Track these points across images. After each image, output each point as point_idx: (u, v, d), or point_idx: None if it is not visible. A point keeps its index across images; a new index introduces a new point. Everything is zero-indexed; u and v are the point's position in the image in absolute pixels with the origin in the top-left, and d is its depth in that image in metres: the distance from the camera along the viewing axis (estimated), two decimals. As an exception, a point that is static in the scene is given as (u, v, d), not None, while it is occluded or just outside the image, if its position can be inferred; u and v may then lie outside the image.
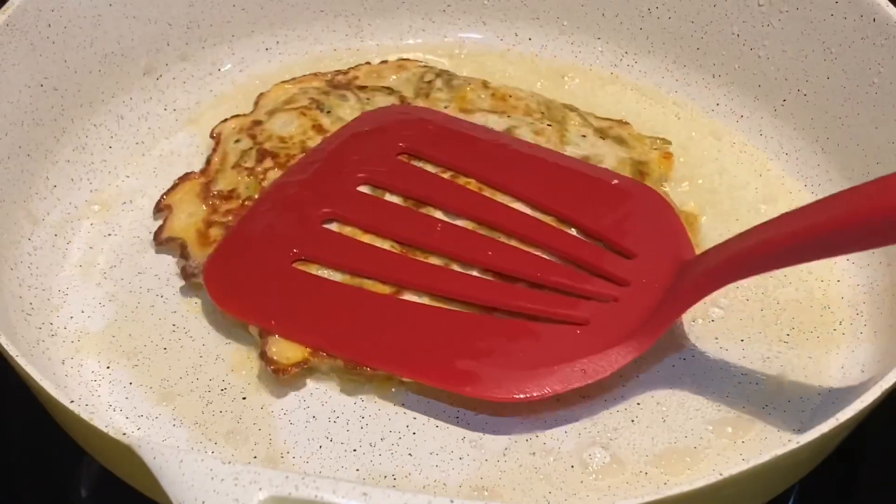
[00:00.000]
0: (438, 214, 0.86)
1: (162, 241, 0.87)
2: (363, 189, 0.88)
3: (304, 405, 0.79)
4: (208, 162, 0.92)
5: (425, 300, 0.81)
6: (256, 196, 0.88)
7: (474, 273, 0.83)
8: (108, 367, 0.81)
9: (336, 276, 0.82)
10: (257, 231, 0.86)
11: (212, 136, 0.94)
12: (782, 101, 0.95)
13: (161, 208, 0.90)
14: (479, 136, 0.91)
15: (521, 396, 0.76)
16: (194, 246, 0.86)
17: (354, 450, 0.77)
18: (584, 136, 0.92)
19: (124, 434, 0.63)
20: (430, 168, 0.89)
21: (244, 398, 0.79)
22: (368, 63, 1.00)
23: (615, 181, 0.88)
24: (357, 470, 0.76)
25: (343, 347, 0.79)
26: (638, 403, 0.79)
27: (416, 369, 0.78)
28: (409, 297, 0.81)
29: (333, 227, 0.85)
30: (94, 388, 0.80)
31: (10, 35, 0.87)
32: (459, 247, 0.84)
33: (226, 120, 0.95)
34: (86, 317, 0.84)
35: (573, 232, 0.85)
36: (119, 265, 0.87)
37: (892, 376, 0.68)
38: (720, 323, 0.84)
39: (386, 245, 0.84)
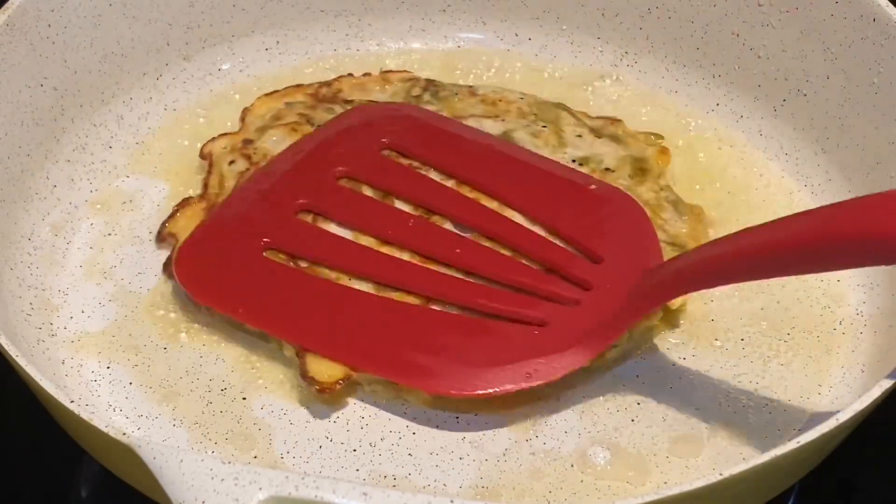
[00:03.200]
0: (413, 211, 0.86)
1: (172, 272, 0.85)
2: (344, 183, 0.88)
3: (303, 405, 0.79)
4: (205, 185, 0.90)
5: (389, 294, 0.81)
6: (236, 185, 0.87)
7: (438, 268, 0.83)
8: (108, 367, 0.81)
9: (304, 265, 0.83)
10: (231, 219, 0.86)
11: (202, 157, 0.92)
12: (782, 101, 0.95)
13: (164, 237, 0.87)
14: (465, 135, 0.91)
15: (459, 392, 0.76)
16: None
17: (354, 450, 0.77)
18: (579, 135, 0.92)
19: (124, 434, 0.63)
20: (414, 164, 0.89)
21: (244, 398, 0.79)
22: (351, 75, 0.99)
23: (593, 186, 0.88)
24: (357, 470, 0.76)
25: (294, 334, 0.79)
26: (638, 403, 0.79)
27: (364, 360, 0.78)
28: (369, 288, 0.82)
29: (309, 219, 0.86)
30: (94, 388, 0.80)
31: (10, 35, 0.87)
32: (426, 242, 0.84)
33: (214, 139, 0.93)
34: (86, 317, 0.84)
35: (543, 233, 0.85)
36: (119, 265, 0.87)
37: (893, 376, 0.69)
38: (720, 323, 0.84)
39: (360, 238, 0.84)
